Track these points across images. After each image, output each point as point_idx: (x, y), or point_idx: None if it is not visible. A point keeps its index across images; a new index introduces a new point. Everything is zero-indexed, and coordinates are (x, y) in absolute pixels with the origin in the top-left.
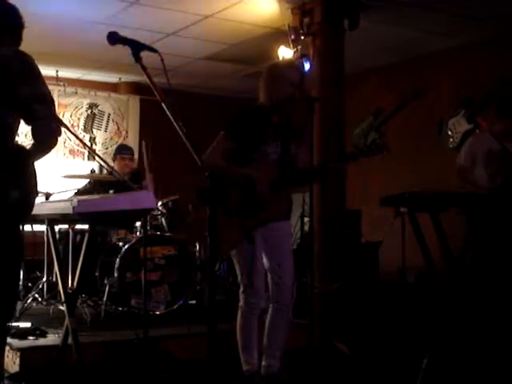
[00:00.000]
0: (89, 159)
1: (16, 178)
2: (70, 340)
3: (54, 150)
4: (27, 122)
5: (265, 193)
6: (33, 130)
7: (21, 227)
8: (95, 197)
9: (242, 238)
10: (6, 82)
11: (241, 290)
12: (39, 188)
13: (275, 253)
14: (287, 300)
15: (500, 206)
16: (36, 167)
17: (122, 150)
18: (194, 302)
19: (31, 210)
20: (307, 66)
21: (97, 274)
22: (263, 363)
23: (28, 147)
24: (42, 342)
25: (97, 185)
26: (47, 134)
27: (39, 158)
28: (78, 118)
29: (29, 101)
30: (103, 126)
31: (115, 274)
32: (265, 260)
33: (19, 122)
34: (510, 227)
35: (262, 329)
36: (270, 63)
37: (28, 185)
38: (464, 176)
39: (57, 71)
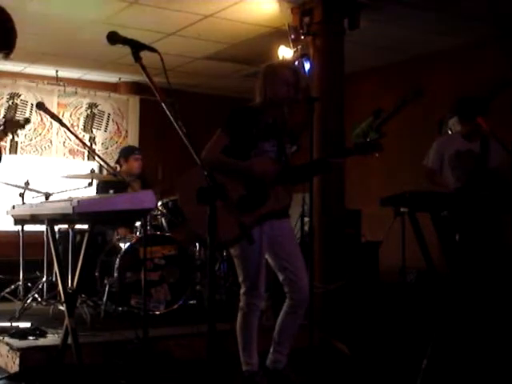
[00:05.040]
0: (88, 159)
1: None
2: (69, 340)
3: (53, 150)
4: None
5: (271, 183)
6: None
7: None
8: (95, 197)
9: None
10: None
11: (242, 290)
12: (39, 188)
13: (283, 252)
14: (305, 298)
15: (464, 205)
16: None
17: (134, 151)
18: (193, 302)
19: None
20: (307, 66)
21: (97, 273)
22: (270, 357)
23: None
24: (41, 341)
25: (99, 185)
26: None
27: None
28: (78, 118)
29: None
30: (103, 126)
31: (115, 274)
32: (272, 261)
33: None
34: (473, 225)
35: (261, 329)
36: (266, 64)
37: None
38: (432, 178)
39: (56, 71)
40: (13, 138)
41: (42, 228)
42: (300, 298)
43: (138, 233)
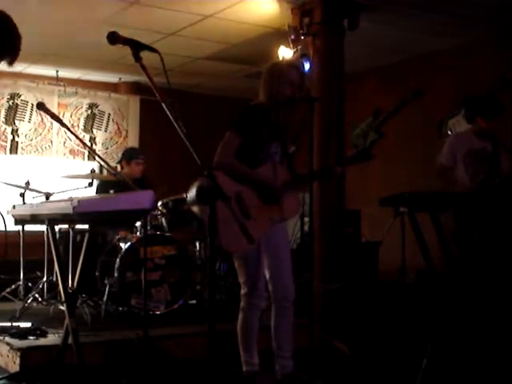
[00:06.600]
0: (89, 159)
1: None
2: (70, 340)
3: (54, 150)
4: None
5: (279, 198)
6: None
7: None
8: (95, 197)
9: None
10: None
11: (243, 291)
12: (39, 188)
13: (277, 250)
14: (291, 295)
15: (481, 204)
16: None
17: (138, 155)
18: (194, 301)
19: None
20: (307, 66)
21: (97, 273)
22: (277, 367)
23: None
24: (42, 341)
25: (99, 185)
26: None
27: None
28: (78, 118)
29: None
30: (103, 126)
31: (115, 274)
32: (265, 259)
33: None
34: (492, 223)
35: (261, 329)
36: (272, 62)
37: None
38: (446, 175)
39: (57, 71)
40: (13, 138)
41: (43, 228)
42: (284, 294)
43: (138, 233)
